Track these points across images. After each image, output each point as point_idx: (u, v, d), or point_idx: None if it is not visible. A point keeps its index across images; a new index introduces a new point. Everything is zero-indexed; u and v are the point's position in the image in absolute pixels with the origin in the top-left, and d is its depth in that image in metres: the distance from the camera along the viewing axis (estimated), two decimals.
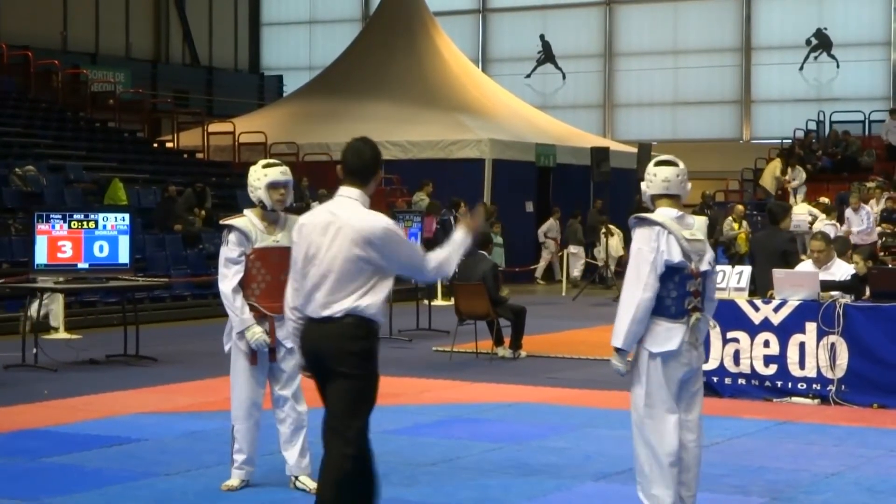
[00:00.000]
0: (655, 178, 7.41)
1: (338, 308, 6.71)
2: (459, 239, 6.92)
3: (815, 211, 26.29)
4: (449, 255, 6.89)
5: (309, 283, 6.84)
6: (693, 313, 7.24)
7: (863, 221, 25.61)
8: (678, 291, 7.21)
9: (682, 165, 7.46)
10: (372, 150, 6.95)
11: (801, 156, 37.06)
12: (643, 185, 7.51)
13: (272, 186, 8.68)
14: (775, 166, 34.55)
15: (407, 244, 6.91)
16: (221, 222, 8.96)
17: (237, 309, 8.63)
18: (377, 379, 6.83)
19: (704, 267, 7.30)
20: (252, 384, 8.77)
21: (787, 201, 30.58)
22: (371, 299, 6.74)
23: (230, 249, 8.68)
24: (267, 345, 8.64)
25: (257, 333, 8.61)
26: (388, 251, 6.74)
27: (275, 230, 8.75)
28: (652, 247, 7.18)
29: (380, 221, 6.77)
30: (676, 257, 7.18)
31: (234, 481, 8.81)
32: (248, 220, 8.74)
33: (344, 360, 6.71)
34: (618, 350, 7.29)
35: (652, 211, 7.42)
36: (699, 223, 7.42)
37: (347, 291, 6.72)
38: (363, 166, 6.91)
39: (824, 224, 24.16)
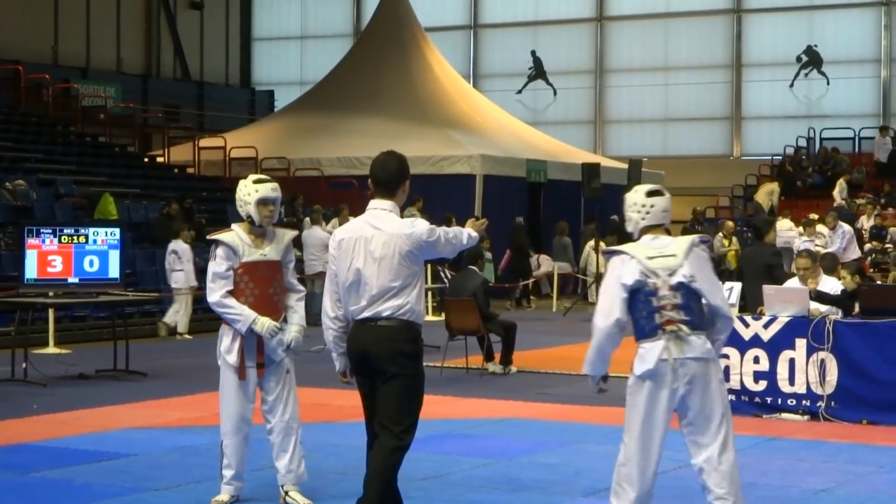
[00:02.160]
0: (654, 208, 7.32)
1: (388, 310, 7.23)
2: (467, 230, 7.58)
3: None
4: (458, 231, 7.53)
5: (357, 289, 7.29)
6: (667, 326, 7.11)
7: (837, 241, 24.88)
8: (647, 309, 7.15)
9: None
10: (397, 162, 7.42)
11: (791, 172, 37.18)
12: (634, 216, 7.35)
13: (262, 202, 8.69)
14: (772, 187, 34.62)
15: (442, 238, 7.40)
16: (209, 237, 8.99)
17: (234, 309, 8.61)
18: (424, 378, 7.36)
19: (678, 279, 7.13)
20: (241, 399, 8.76)
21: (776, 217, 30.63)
22: (417, 304, 7.32)
23: (218, 264, 8.68)
24: (279, 329, 8.69)
25: (266, 323, 8.62)
26: (432, 249, 7.37)
27: (262, 244, 8.77)
28: (615, 275, 7.21)
29: (421, 224, 7.35)
30: (630, 279, 7.15)
31: (223, 497, 8.79)
32: (235, 234, 8.75)
33: (395, 361, 7.21)
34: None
35: (635, 240, 7.36)
36: (678, 242, 7.29)
37: (395, 294, 7.23)
38: (389, 178, 7.40)
39: (803, 241, 24.20)
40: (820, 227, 25.79)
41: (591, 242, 29.32)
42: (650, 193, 7.37)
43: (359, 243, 7.31)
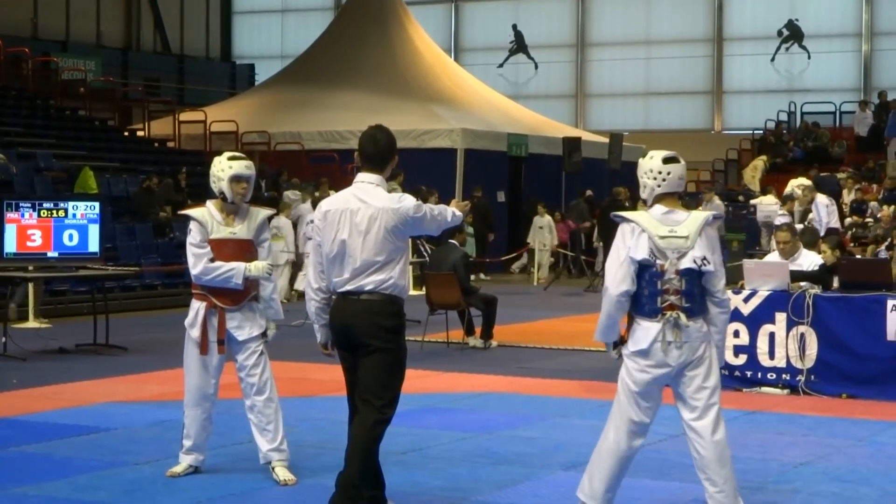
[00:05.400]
0: (670, 176, 7.19)
1: (371, 284, 7.21)
2: (451, 208, 7.56)
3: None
4: (443, 208, 7.52)
5: (341, 262, 7.27)
6: (668, 311, 7.08)
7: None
8: (650, 289, 7.10)
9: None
10: (387, 136, 7.41)
11: (772, 146, 37.21)
12: (650, 182, 7.21)
13: (235, 179, 8.67)
14: (757, 164, 34.59)
15: (428, 215, 7.39)
16: (180, 212, 8.98)
17: (223, 268, 8.56)
18: (406, 352, 7.34)
19: (686, 265, 7.08)
20: (202, 373, 8.78)
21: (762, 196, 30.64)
22: (401, 278, 7.29)
23: (193, 237, 8.69)
24: (273, 268, 8.81)
25: (260, 265, 8.65)
26: (418, 225, 7.36)
27: (233, 222, 8.74)
28: (625, 243, 7.13)
29: (408, 200, 7.32)
30: (640, 255, 7.07)
31: (178, 467, 8.87)
32: (207, 210, 8.75)
33: (376, 335, 7.20)
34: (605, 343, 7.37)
35: (648, 207, 7.27)
36: (691, 219, 7.18)
37: (379, 268, 7.21)
38: (378, 152, 7.38)
39: (778, 214, 24.09)
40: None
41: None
42: (667, 160, 7.24)
43: (344, 215, 7.29)
